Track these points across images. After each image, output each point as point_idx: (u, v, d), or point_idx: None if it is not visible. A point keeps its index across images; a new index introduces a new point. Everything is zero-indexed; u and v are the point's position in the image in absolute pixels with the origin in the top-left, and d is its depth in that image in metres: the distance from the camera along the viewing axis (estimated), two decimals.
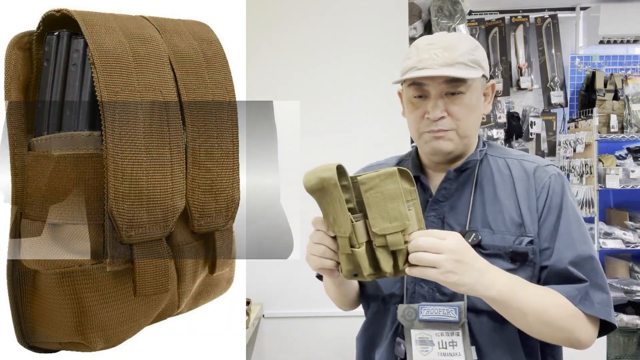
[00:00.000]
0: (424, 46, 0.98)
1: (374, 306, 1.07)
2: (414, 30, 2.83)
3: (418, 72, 0.95)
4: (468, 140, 1.01)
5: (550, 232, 0.96)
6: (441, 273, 0.80)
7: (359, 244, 0.80)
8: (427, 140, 1.00)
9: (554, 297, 0.91)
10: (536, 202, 0.97)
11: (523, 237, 0.95)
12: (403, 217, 0.79)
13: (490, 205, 0.99)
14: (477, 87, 1.00)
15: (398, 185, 0.79)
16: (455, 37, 1.00)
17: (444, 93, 0.97)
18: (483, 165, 1.04)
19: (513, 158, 1.05)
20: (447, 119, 0.97)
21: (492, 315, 0.93)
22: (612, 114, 3.16)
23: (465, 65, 0.96)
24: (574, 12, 3.39)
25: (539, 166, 1.01)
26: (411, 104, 1.01)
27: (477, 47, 1.01)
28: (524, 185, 0.99)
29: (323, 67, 2.38)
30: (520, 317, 0.88)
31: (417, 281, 0.98)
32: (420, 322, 0.95)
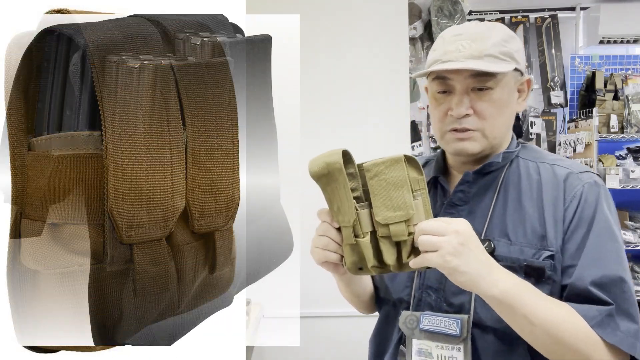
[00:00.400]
0: (451, 37, 0.89)
1: (384, 310, 1.02)
2: (414, 30, 2.83)
3: (442, 65, 0.87)
4: (498, 141, 0.92)
5: (576, 247, 0.84)
6: (441, 256, 0.73)
7: (363, 233, 0.76)
8: (450, 141, 0.91)
9: (570, 313, 0.80)
10: (563, 213, 0.86)
11: (543, 250, 0.85)
12: (407, 206, 0.74)
13: (511, 213, 0.89)
14: (508, 82, 0.90)
15: (404, 173, 0.75)
16: (486, 26, 0.90)
17: (470, 88, 0.88)
18: (512, 168, 0.94)
19: (545, 162, 0.93)
20: (473, 117, 0.88)
21: (500, 334, 0.85)
22: (612, 114, 3.16)
23: (495, 57, 0.87)
24: (574, 12, 3.40)
25: (572, 172, 0.90)
26: (435, 100, 0.93)
27: (511, 37, 0.91)
28: (552, 192, 0.88)
29: (323, 67, 2.38)
30: (527, 326, 0.78)
31: (424, 288, 0.93)
32: (420, 332, 0.89)
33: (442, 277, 0.90)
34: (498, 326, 0.85)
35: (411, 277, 0.96)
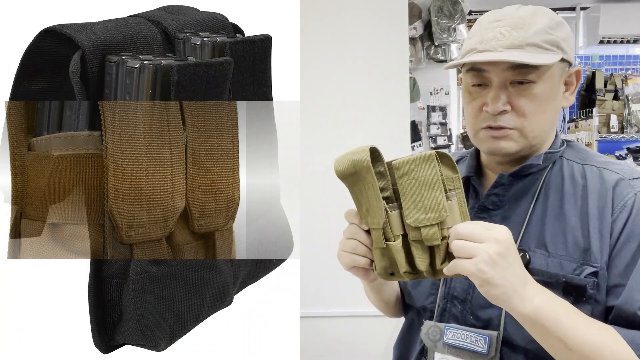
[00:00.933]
0: (488, 23, 0.80)
1: (409, 317, 0.96)
2: (414, 30, 2.83)
3: (477, 56, 0.77)
4: (539, 140, 0.82)
5: (626, 265, 0.74)
6: (475, 264, 0.64)
7: (394, 236, 0.70)
8: (484, 139, 0.81)
9: (613, 339, 0.70)
10: (611, 225, 0.75)
11: (586, 266, 0.75)
12: (440, 207, 0.68)
13: (551, 222, 0.79)
14: (553, 75, 0.79)
15: (436, 171, 0.69)
16: (529, 11, 0.80)
17: (509, 82, 0.78)
18: (554, 170, 0.83)
19: (593, 165, 0.82)
20: (510, 114, 0.78)
21: (532, 355, 0.77)
22: (612, 114, 3.16)
23: (537, 47, 0.76)
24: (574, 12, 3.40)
25: (623, 178, 0.78)
26: (469, 94, 0.83)
27: (558, 24, 0.81)
28: (599, 200, 0.77)
29: (323, 67, 2.38)
30: (562, 351, 0.69)
31: (449, 298, 0.85)
32: (444, 346, 0.82)
33: (470, 288, 0.84)
34: (530, 347, 0.76)
35: (436, 285, 0.88)
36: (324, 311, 2.35)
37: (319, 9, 2.38)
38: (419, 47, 2.91)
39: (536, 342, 0.73)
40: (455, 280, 0.86)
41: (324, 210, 2.07)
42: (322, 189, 2.30)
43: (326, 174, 2.50)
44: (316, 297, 2.32)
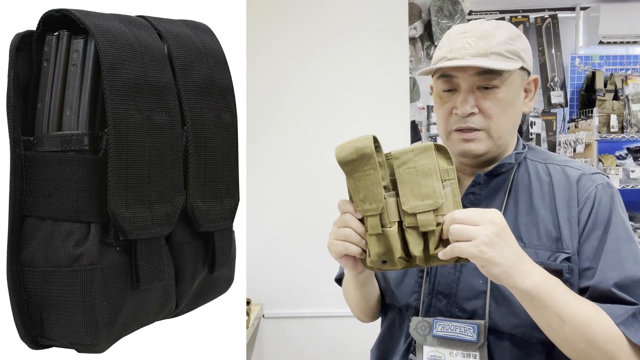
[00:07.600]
0: (456, 35, 0.88)
1: (390, 317, 0.99)
2: (414, 30, 2.83)
3: (447, 63, 0.85)
4: (503, 141, 0.90)
5: (595, 249, 0.83)
6: (475, 246, 0.68)
7: (390, 222, 0.73)
8: (455, 142, 0.90)
9: (599, 312, 0.77)
10: (578, 215, 0.85)
11: (559, 253, 0.84)
12: (437, 195, 0.71)
13: (524, 216, 0.88)
14: (514, 81, 0.88)
15: (433, 161, 0.72)
16: (492, 25, 0.89)
17: (475, 87, 0.87)
18: (520, 170, 0.92)
19: (555, 163, 0.92)
20: (478, 116, 0.87)
21: (517, 340, 0.83)
22: (612, 114, 3.16)
23: (501, 55, 0.85)
24: (574, 12, 3.40)
25: (585, 174, 0.89)
26: (440, 99, 0.91)
27: (517, 36, 0.89)
28: (564, 194, 0.87)
29: (322, 67, 2.38)
30: (557, 325, 0.75)
31: (434, 293, 0.89)
32: (433, 338, 0.86)
33: (453, 282, 0.89)
34: (514, 332, 0.82)
35: (419, 283, 0.93)
36: (324, 311, 2.35)
37: (320, 9, 2.38)
38: (419, 47, 2.91)
39: (520, 328, 0.81)
40: (439, 276, 0.90)
41: (323, 207, 2.07)
42: (322, 189, 2.31)
43: (327, 174, 2.50)
44: (316, 297, 2.32)
